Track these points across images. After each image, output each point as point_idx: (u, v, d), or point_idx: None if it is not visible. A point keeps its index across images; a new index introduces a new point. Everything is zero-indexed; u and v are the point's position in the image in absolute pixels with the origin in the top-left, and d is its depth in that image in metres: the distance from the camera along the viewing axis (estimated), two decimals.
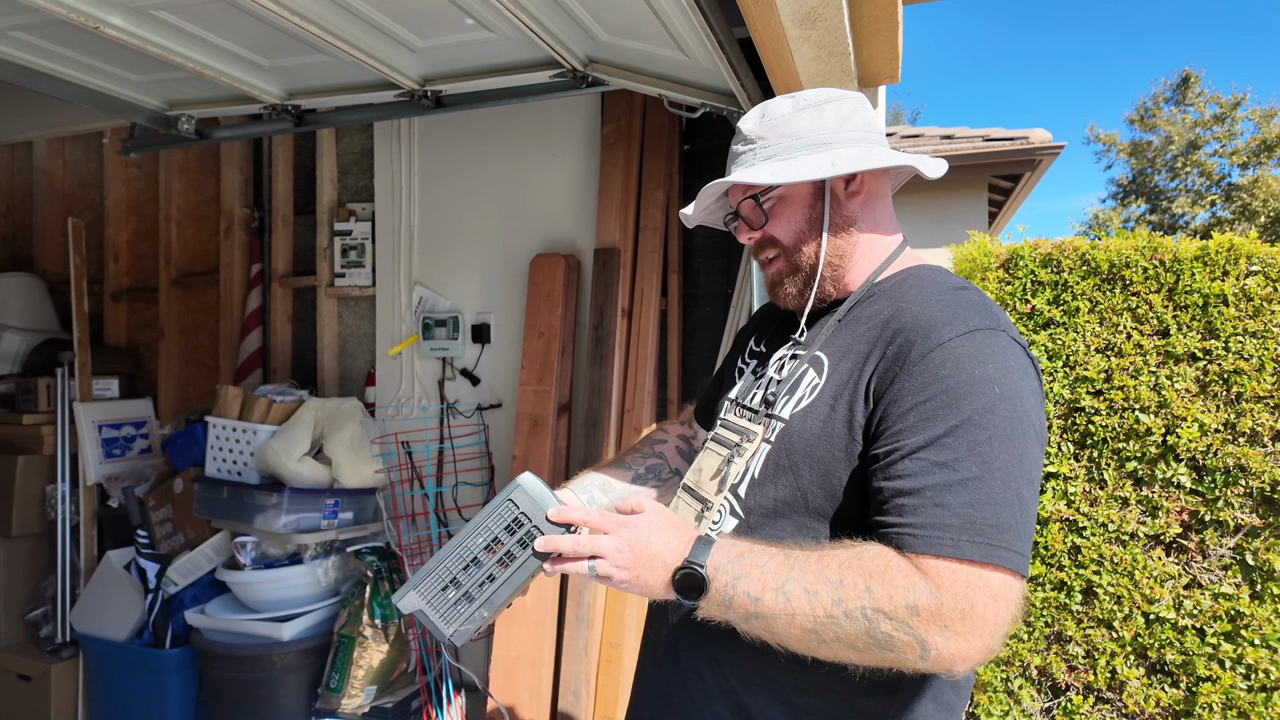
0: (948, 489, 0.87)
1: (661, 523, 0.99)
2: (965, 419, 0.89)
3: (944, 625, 0.84)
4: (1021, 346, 0.98)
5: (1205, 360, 1.94)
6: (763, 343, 1.24)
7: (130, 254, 3.74)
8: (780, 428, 1.05)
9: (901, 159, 1.08)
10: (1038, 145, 5.99)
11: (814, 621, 0.87)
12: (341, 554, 2.79)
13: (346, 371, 3.29)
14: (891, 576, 0.86)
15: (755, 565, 0.92)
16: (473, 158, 2.98)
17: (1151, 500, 1.97)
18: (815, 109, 1.09)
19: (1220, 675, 1.91)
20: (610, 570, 0.97)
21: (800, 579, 0.89)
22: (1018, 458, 0.89)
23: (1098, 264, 1.98)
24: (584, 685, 2.50)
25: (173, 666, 2.79)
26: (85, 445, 3.18)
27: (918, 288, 1.05)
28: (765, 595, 0.90)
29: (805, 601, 0.88)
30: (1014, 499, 0.88)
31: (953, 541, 0.85)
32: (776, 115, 1.10)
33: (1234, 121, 17.60)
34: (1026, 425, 0.91)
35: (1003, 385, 0.91)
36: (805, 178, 1.03)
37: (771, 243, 1.13)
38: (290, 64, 2.32)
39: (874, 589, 0.86)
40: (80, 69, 2.37)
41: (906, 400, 0.92)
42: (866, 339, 1.02)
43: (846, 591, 0.87)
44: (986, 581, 0.84)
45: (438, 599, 0.97)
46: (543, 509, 0.98)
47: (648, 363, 2.68)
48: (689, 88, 2.20)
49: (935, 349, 0.93)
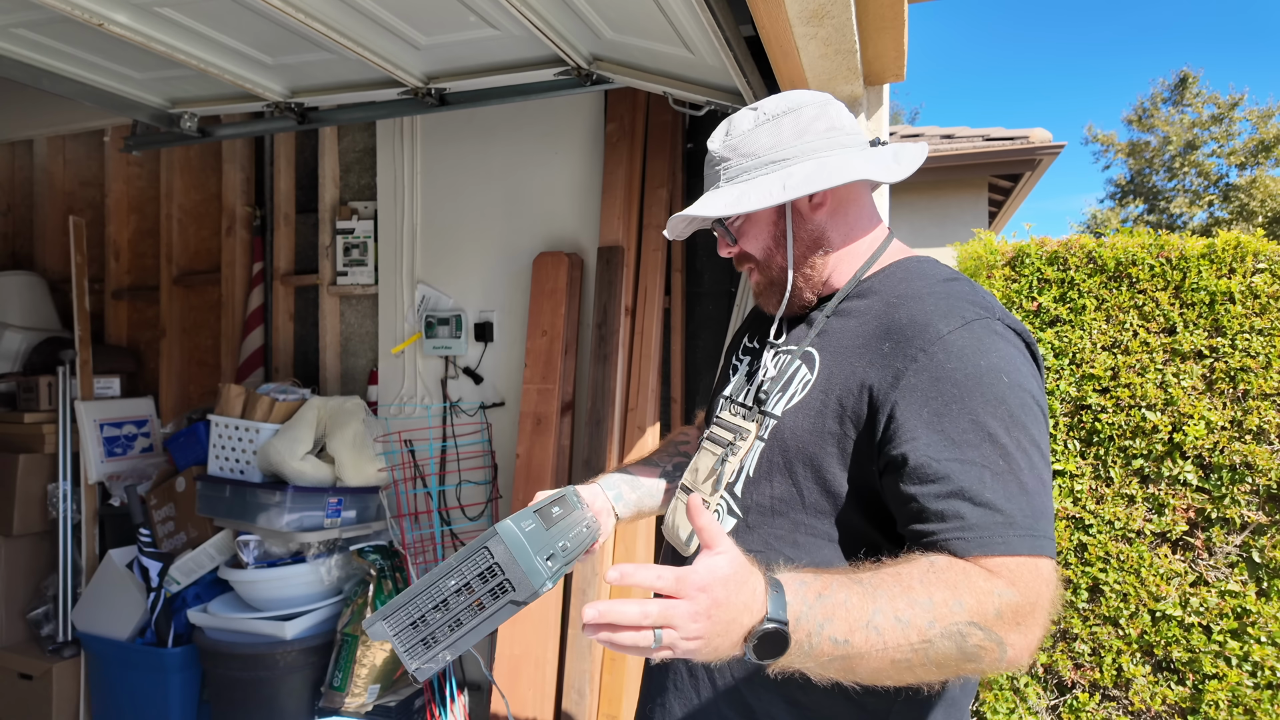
0: (983, 487, 0.87)
1: (739, 575, 0.82)
2: (980, 414, 0.89)
3: (1018, 623, 0.83)
4: (1014, 329, 0.98)
5: (1212, 358, 1.94)
6: (755, 339, 1.24)
7: (131, 252, 3.73)
8: (773, 425, 1.05)
9: (856, 172, 1.03)
10: (1038, 145, 5.99)
11: (909, 650, 0.82)
12: (344, 552, 2.79)
13: (349, 370, 3.28)
14: (975, 583, 0.84)
15: (838, 604, 0.83)
16: (475, 156, 2.98)
17: (1158, 498, 1.97)
18: (773, 123, 1.08)
19: (1226, 673, 1.91)
20: (677, 641, 0.79)
21: (889, 607, 0.83)
22: (1034, 441, 0.90)
23: (1104, 262, 1.98)
24: (588, 683, 2.49)
25: (175, 665, 2.78)
26: (86, 444, 3.17)
27: (907, 281, 1.05)
28: (854, 636, 0.81)
29: (899, 632, 0.81)
30: (1039, 484, 0.89)
31: (1004, 539, 0.85)
32: (738, 133, 1.10)
33: (1232, 122, 17.63)
34: (1032, 408, 0.92)
35: (1009, 374, 0.91)
36: (757, 206, 1.03)
37: (746, 257, 1.15)
38: (294, 61, 2.32)
39: (964, 600, 0.83)
40: (83, 66, 2.37)
41: (915, 400, 0.92)
42: (858, 333, 1.02)
43: (939, 611, 0.82)
44: (1041, 571, 0.85)
45: (405, 633, 0.94)
46: (519, 563, 0.91)
47: (651, 361, 2.67)
48: (694, 85, 2.20)
49: (935, 343, 0.93)
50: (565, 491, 1.14)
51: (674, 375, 2.76)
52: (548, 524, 1.00)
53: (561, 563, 0.98)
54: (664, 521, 1.22)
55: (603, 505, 1.25)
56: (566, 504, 1.11)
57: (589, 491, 1.25)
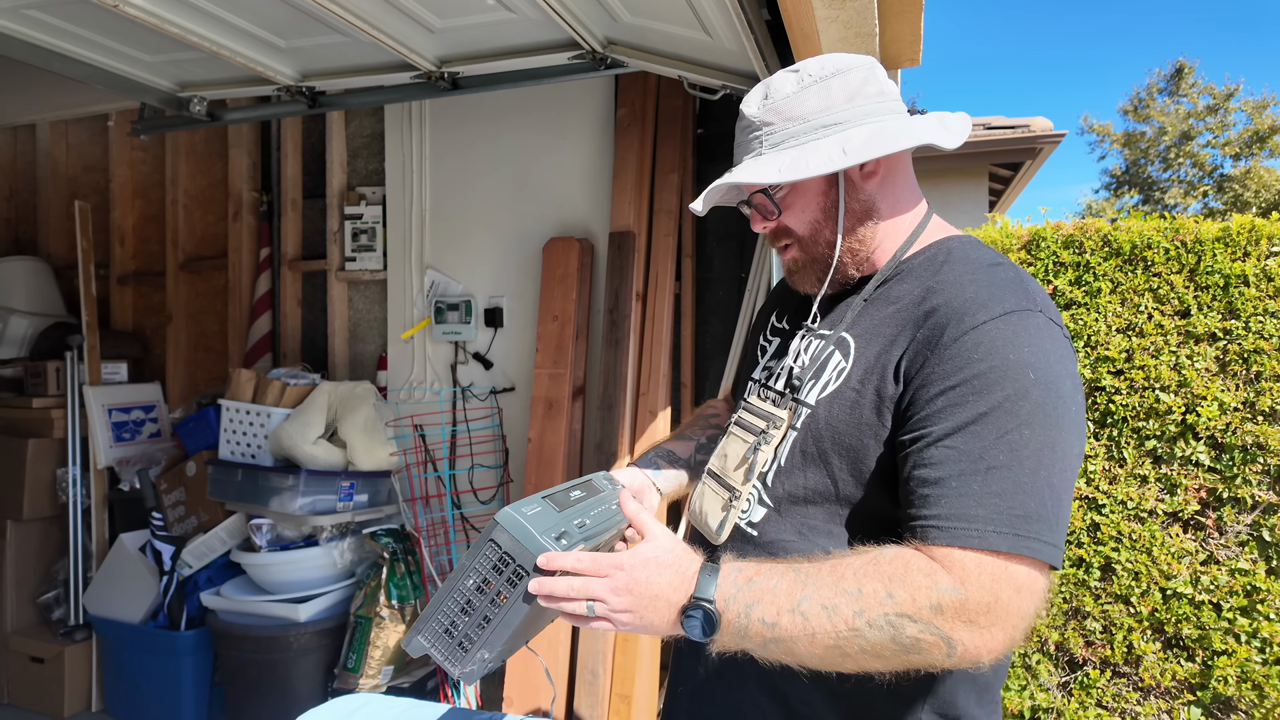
0: (973, 477, 0.85)
1: (661, 559, 0.93)
2: (996, 405, 0.86)
3: (969, 620, 0.82)
4: (1059, 327, 0.94)
5: (1225, 340, 1.96)
6: (785, 318, 1.20)
7: (136, 238, 3.72)
8: (806, 414, 1.02)
9: (920, 136, 0.99)
10: (1039, 134, 6.00)
11: (836, 637, 0.84)
12: (357, 536, 2.80)
13: (357, 356, 3.28)
14: (912, 577, 0.84)
15: (767, 589, 0.88)
16: (484, 140, 2.97)
17: (1170, 478, 1.99)
18: (821, 85, 1.01)
19: (1236, 649, 1.94)
20: (609, 614, 0.91)
21: (816, 595, 0.86)
22: (1049, 445, 0.86)
23: (1119, 245, 2.00)
24: (601, 664, 2.51)
25: (188, 648, 2.79)
26: (95, 429, 3.17)
27: (950, 265, 1.00)
28: (781, 619, 0.86)
29: (825, 619, 0.85)
30: (1044, 487, 0.85)
31: (978, 533, 0.83)
32: (780, 95, 1.02)
33: (1227, 112, 17.68)
34: (1061, 410, 0.87)
35: (1038, 370, 0.87)
36: (816, 172, 0.97)
37: (786, 233, 1.08)
38: (307, 44, 2.31)
39: (895, 593, 0.83)
40: (94, 49, 2.35)
41: (936, 385, 0.89)
42: (895, 320, 0.98)
43: (867, 601, 0.84)
44: (1012, 574, 0.83)
45: (441, 641, 0.95)
46: (525, 545, 0.93)
47: (662, 346, 2.68)
48: (710, 69, 2.19)
49: (969, 332, 0.89)
50: (592, 476, 1.14)
51: (684, 360, 2.77)
52: (561, 506, 1.01)
53: (579, 539, 0.98)
54: (689, 506, 1.20)
55: (641, 483, 1.24)
56: (591, 487, 1.10)
57: (625, 473, 1.24)
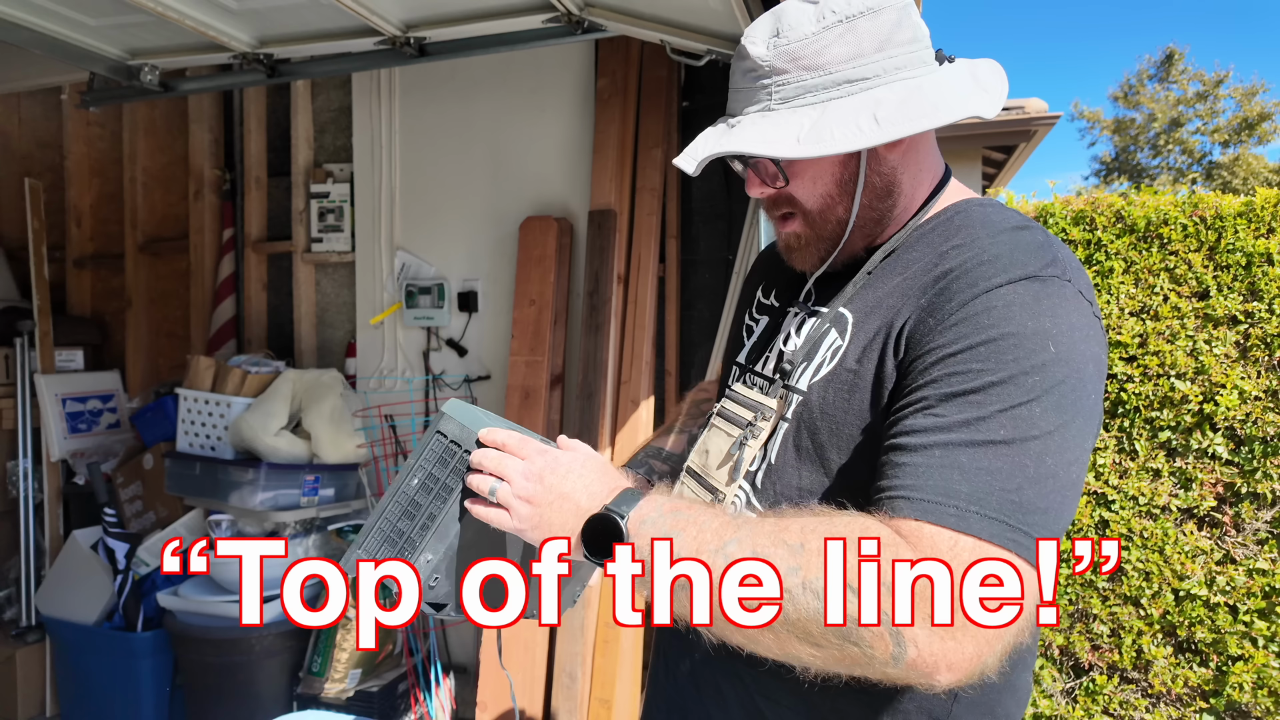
0: (964, 449, 0.69)
1: (590, 464, 0.85)
2: (1006, 376, 0.71)
3: (927, 616, 0.64)
4: (1091, 304, 0.78)
5: (1247, 323, 1.83)
6: (773, 293, 1.04)
7: (94, 218, 3.55)
8: (798, 401, 0.87)
9: (965, 107, 0.82)
10: (1034, 115, 5.89)
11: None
12: (323, 532, 2.67)
13: (325, 342, 3.14)
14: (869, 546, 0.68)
15: (692, 522, 0.74)
16: (458, 114, 2.82)
17: (1185, 471, 1.87)
18: (848, 27, 0.82)
19: (1253, 654, 1.83)
20: (510, 500, 0.82)
21: (750, 541, 0.71)
22: (1062, 430, 0.71)
23: (1134, 221, 1.87)
24: (580, 667, 2.39)
25: (145, 650, 2.66)
26: (48, 419, 3.02)
27: (967, 227, 0.84)
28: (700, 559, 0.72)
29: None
30: (1048, 477, 0.69)
31: (957, 511, 0.67)
32: (797, 36, 0.83)
33: (1216, 99, 17.68)
34: (1081, 395, 0.73)
35: (1060, 344, 0.72)
36: (844, 148, 0.79)
37: (789, 201, 0.91)
38: (261, 6, 2.15)
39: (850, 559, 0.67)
40: (31, 10, 2.18)
41: (937, 353, 0.75)
42: (900, 291, 0.83)
43: (808, 558, 0.68)
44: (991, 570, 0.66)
45: (382, 552, 0.85)
46: (474, 432, 0.85)
47: (645, 332, 2.55)
48: (694, 33, 2.06)
49: (980, 296, 0.75)
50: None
51: (668, 346, 2.64)
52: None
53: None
54: None
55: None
56: None
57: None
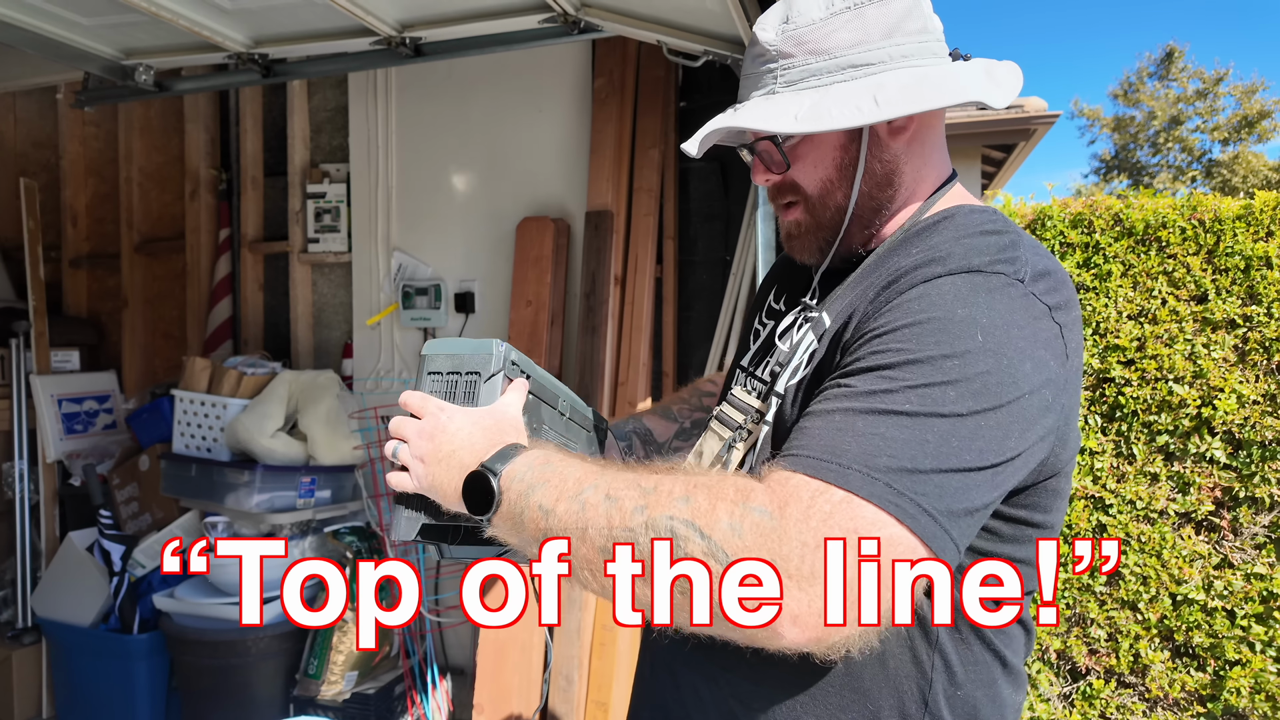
0: (863, 415, 0.67)
1: (482, 420, 0.82)
2: (925, 356, 0.69)
3: (773, 558, 0.61)
4: (1047, 307, 0.76)
5: (1245, 327, 1.82)
6: (783, 298, 1.05)
7: (90, 218, 3.53)
8: (776, 404, 0.87)
9: (967, 91, 0.82)
10: (1033, 114, 5.86)
11: (608, 536, 0.66)
12: (319, 534, 2.66)
13: (322, 342, 3.13)
14: (722, 488, 0.66)
15: (557, 472, 0.73)
16: (454, 114, 2.81)
17: (1183, 476, 1.86)
18: (856, 14, 0.84)
19: (1250, 658, 1.82)
20: (408, 459, 0.83)
21: (606, 485, 0.70)
22: (977, 418, 0.67)
23: (1132, 224, 1.86)
24: (576, 669, 2.38)
25: (141, 652, 2.65)
26: (44, 420, 3.01)
27: (945, 230, 0.84)
28: (559, 506, 0.70)
29: (603, 510, 0.68)
30: (950, 456, 0.65)
31: (839, 468, 0.64)
32: (805, 21, 0.85)
33: (1216, 97, 17.65)
34: (1006, 391, 0.69)
35: (990, 336, 0.70)
36: (841, 125, 0.81)
37: (792, 189, 0.91)
38: (256, 6, 2.14)
39: (694, 498, 0.65)
40: (24, 10, 2.17)
41: (866, 336, 0.75)
42: (870, 291, 0.82)
43: (658, 498, 0.66)
44: (860, 525, 0.62)
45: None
46: (464, 352, 0.88)
47: (642, 333, 2.55)
48: (691, 34, 2.04)
49: (918, 285, 0.75)
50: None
51: (666, 348, 2.63)
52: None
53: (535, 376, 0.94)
54: None
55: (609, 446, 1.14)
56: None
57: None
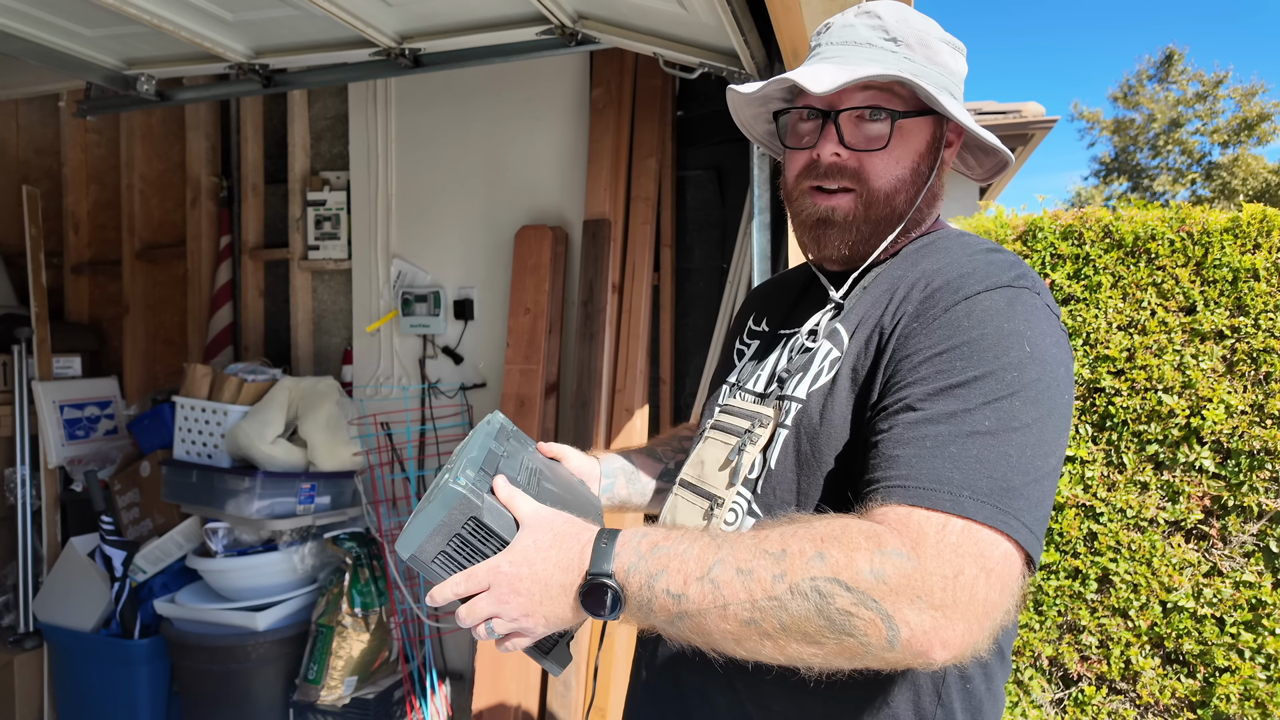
0: (952, 441, 0.72)
1: (540, 541, 0.81)
2: (987, 371, 0.75)
3: (917, 595, 0.66)
4: (1057, 318, 0.85)
5: (1233, 338, 1.84)
6: (764, 321, 1.09)
7: (91, 225, 3.55)
8: (796, 409, 0.89)
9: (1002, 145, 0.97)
10: (1030, 119, 5.89)
11: (752, 609, 0.69)
12: (319, 540, 2.68)
13: (322, 349, 3.14)
14: (851, 537, 0.69)
15: (674, 555, 0.75)
16: (453, 123, 2.83)
17: (1172, 485, 1.88)
18: (955, 51, 0.96)
19: (1239, 665, 1.84)
20: (510, 626, 0.80)
21: (732, 560, 0.72)
22: (1039, 424, 0.75)
23: (1121, 236, 1.88)
24: (574, 675, 2.40)
25: (142, 658, 2.67)
26: (45, 426, 3.02)
27: (947, 249, 0.91)
28: (689, 589, 0.72)
29: (739, 585, 0.70)
30: (1030, 467, 0.72)
31: (951, 495, 0.69)
32: (919, 28, 0.94)
33: (1215, 100, 17.65)
34: (1055, 395, 0.77)
35: (1034, 345, 0.78)
36: (966, 121, 0.89)
37: (855, 176, 0.92)
38: (256, 18, 2.16)
39: (828, 553, 0.69)
40: (26, 21, 2.19)
41: (921, 354, 0.79)
42: (886, 302, 0.88)
43: (791, 562, 0.69)
44: (982, 549, 0.68)
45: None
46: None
47: (639, 341, 2.56)
48: (687, 46, 2.06)
49: (961, 302, 0.80)
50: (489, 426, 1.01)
51: (663, 355, 2.65)
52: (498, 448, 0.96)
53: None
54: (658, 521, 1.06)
55: (591, 474, 1.15)
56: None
57: (584, 462, 1.15)
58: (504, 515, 0.83)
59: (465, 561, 0.82)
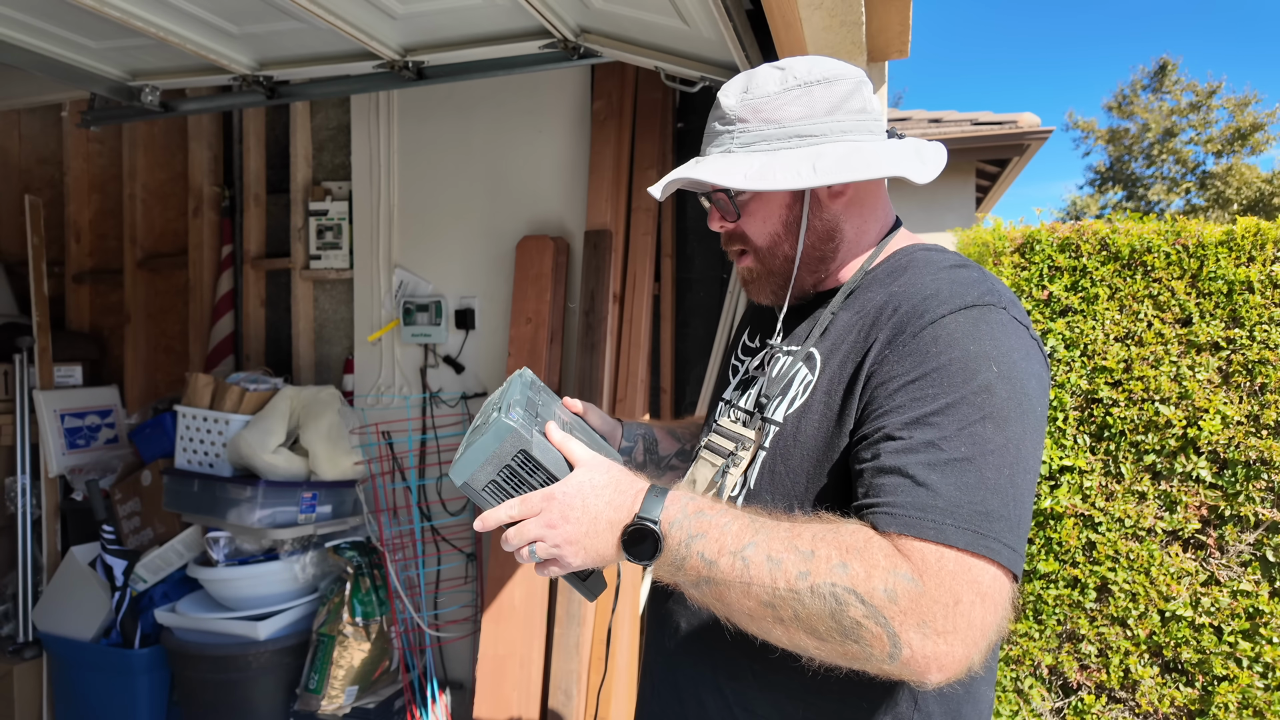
0: (932, 468, 0.78)
1: (595, 480, 0.89)
2: (958, 398, 0.80)
3: (922, 620, 0.73)
4: (1026, 327, 0.89)
5: (1229, 350, 1.86)
6: (757, 337, 1.15)
7: (93, 234, 3.56)
8: (774, 432, 0.96)
9: (893, 167, 0.95)
10: (1026, 129, 5.93)
11: (772, 594, 0.77)
12: (320, 549, 2.68)
13: (323, 358, 3.15)
14: (872, 554, 0.76)
15: (715, 524, 0.82)
16: (456, 134, 2.85)
17: (1170, 494, 1.90)
18: (804, 90, 0.96)
19: (1237, 674, 1.86)
20: (552, 552, 0.87)
21: (765, 545, 0.79)
22: (1014, 443, 0.80)
23: (1118, 249, 1.90)
24: (575, 684, 2.41)
25: (142, 667, 2.67)
26: (46, 435, 3.02)
27: (913, 269, 0.96)
28: (721, 559, 0.80)
29: (766, 570, 0.78)
30: (1007, 486, 0.78)
31: (935, 524, 0.75)
32: (761, 93, 0.97)
33: (1209, 109, 17.75)
34: (1026, 409, 0.82)
35: (1000, 363, 0.82)
36: (782, 186, 0.92)
37: (742, 238, 1.03)
38: (261, 31, 2.18)
39: (850, 565, 0.76)
40: (32, 33, 2.20)
41: (895, 382, 0.84)
42: (859, 328, 0.94)
43: (817, 564, 0.76)
44: (975, 575, 0.74)
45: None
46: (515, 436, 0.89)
47: (640, 350, 2.57)
48: (688, 60, 2.08)
49: (927, 327, 0.85)
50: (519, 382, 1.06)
51: (664, 364, 2.66)
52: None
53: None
54: None
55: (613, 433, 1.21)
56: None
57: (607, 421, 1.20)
58: (553, 452, 0.90)
59: (514, 491, 0.90)
